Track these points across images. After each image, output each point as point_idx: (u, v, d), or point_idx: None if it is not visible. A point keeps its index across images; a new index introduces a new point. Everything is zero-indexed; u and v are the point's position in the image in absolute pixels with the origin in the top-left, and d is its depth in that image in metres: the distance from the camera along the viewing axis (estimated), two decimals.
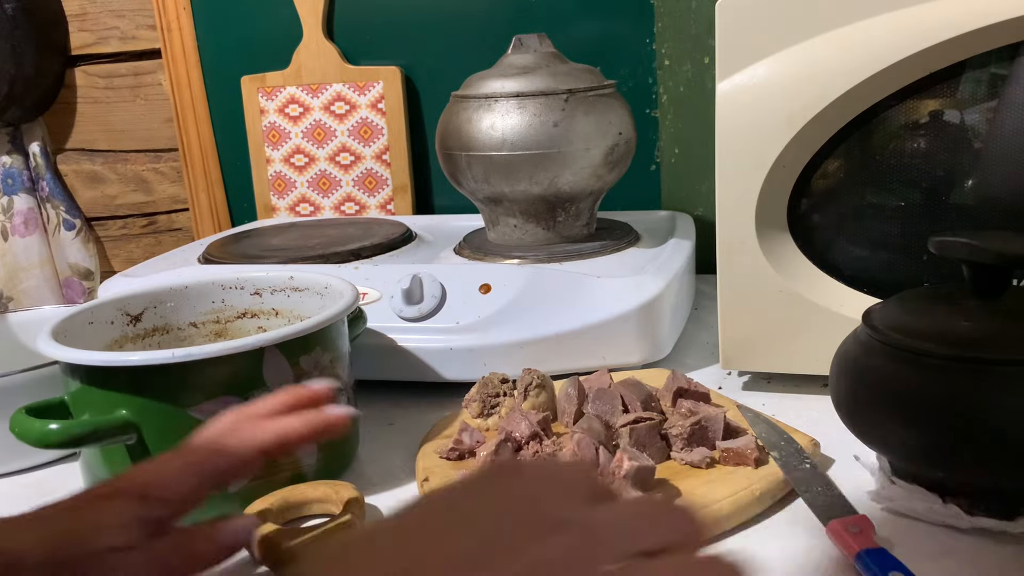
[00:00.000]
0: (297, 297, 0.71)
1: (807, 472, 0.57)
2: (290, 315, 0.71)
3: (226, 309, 0.72)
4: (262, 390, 0.56)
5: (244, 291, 0.72)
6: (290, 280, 0.71)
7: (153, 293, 0.70)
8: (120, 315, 0.67)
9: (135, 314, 0.68)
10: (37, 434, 0.55)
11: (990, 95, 0.63)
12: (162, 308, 0.69)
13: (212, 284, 0.72)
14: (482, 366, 0.74)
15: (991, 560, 0.50)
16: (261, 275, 0.72)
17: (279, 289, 0.71)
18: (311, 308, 0.70)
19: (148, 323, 0.69)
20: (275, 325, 0.71)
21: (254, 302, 0.72)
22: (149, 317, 0.69)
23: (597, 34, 1.06)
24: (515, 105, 0.81)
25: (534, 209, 0.85)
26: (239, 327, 0.72)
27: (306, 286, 0.71)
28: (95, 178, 1.32)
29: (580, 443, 0.55)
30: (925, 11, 0.62)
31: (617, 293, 0.75)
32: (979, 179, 0.65)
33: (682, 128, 1.06)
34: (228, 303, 0.72)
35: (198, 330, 0.71)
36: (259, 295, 0.71)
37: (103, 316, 0.66)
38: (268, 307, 0.72)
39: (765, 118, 0.66)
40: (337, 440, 0.63)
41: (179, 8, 1.19)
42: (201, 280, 0.72)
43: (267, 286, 0.72)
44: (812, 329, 0.69)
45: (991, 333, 0.50)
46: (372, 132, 1.14)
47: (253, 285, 0.72)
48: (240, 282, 0.72)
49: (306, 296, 0.71)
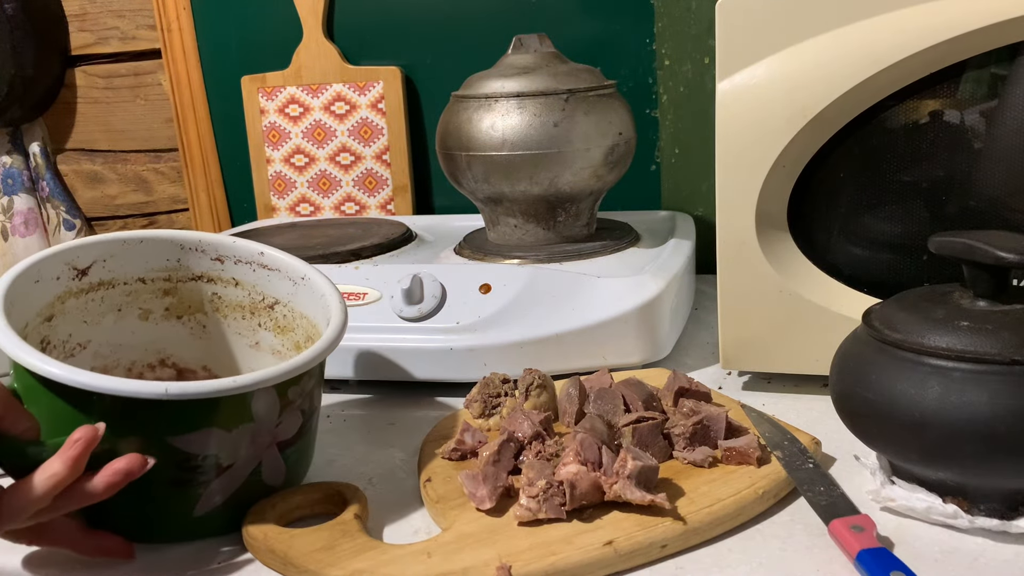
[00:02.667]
0: (264, 274, 0.68)
1: (810, 471, 0.57)
2: (252, 289, 0.68)
3: (180, 269, 0.68)
4: (248, 423, 0.55)
5: (204, 255, 0.68)
6: (259, 255, 0.68)
7: (105, 243, 0.66)
8: (67, 269, 0.63)
9: (83, 267, 0.64)
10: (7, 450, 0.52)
11: (990, 95, 0.63)
12: (112, 262, 0.66)
13: (170, 242, 0.68)
14: (482, 366, 0.74)
15: (991, 560, 0.50)
16: (227, 241, 0.69)
17: (245, 261, 0.68)
18: (279, 291, 0.67)
19: (95, 276, 0.65)
20: (232, 295, 0.68)
21: (213, 267, 0.68)
22: (96, 270, 0.65)
23: (597, 34, 1.06)
24: (515, 105, 0.81)
25: (534, 209, 0.85)
26: (191, 289, 0.69)
27: (277, 267, 0.68)
28: (95, 178, 1.32)
29: (583, 443, 0.55)
30: (925, 11, 0.62)
31: (617, 293, 0.75)
32: (979, 179, 0.65)
33: (682, 128, 1.06)
34: (184, 263, 0.68)
35: (146, 286, 0.68)
36: (220, 261, 0.68)
37: (49, 272, 0.62)
38: (228, 276, 0.69)
39: (765, 118, 0.66)
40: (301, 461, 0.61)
41: (179, 8, 1.19)
42: (160, 235, 0.68)
43: (231, 254, 0.69)
44: (812, 329, 0.69)
45: (991, 333, 0.50)
46: (372, 132, 1.14)
47: (216, 250, 0.68)
48: (202, 244, 0.68)
49: (275, 277, 0.68)
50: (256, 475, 0.57)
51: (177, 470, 0.54)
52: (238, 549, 0.56)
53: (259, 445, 0.56)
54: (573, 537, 0.51)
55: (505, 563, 0.49)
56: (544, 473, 0.54)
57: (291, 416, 0.57)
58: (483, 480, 0.56)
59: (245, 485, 0.56)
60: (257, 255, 0.69)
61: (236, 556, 0.55)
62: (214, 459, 0.54)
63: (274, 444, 0.57)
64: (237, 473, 0.56)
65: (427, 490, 0.59)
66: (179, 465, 0.53)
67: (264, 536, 0.54)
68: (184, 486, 0.54)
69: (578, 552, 0.50)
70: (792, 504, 0.56)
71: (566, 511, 0.53)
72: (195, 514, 0.55)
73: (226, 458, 0.55)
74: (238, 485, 0.56)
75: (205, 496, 0.55)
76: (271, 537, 0.53)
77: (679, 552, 0.52)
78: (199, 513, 0.56)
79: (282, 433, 0.57)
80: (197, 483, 0.54)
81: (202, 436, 0.53)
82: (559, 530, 0.52)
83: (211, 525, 0.56)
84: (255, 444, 0.56)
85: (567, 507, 0.53)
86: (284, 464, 0.58)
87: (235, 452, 0.55)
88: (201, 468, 0.54)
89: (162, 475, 0.53)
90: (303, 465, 0.62)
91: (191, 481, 0.54)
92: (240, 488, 0.56)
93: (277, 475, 0.58)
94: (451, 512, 0.55)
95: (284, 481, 0.59)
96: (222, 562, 0.55)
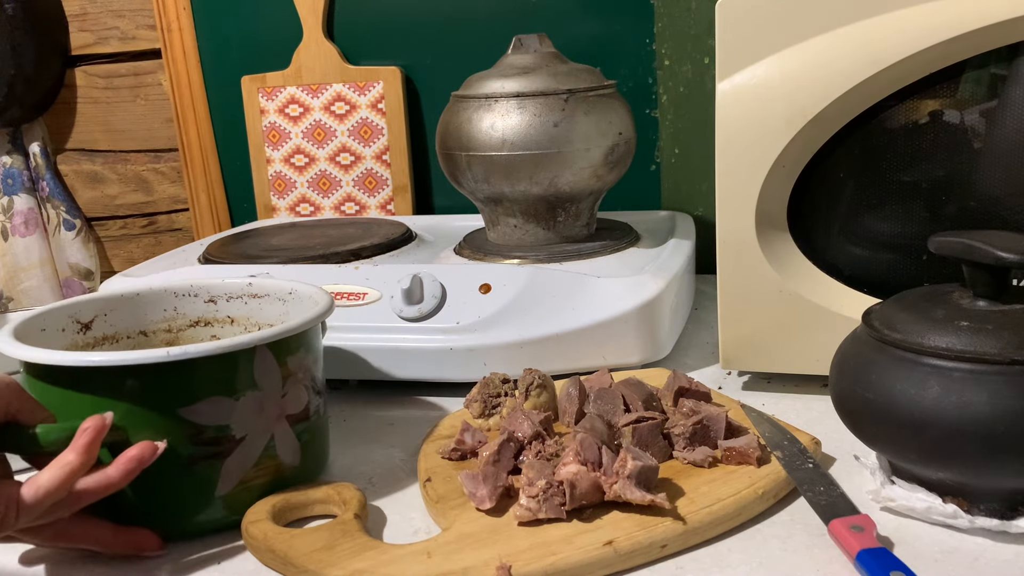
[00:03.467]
0: (255, 304, 0.70)
1: (810, 471, 0.57)
2: (246, 322, 0.70)
3: (178, 317, 0.70)
4: (252, 390, 0.57)
5: (198, 299, 0.70)
6: (248, 287, 0.70)
7: (103, 300, 0.68)
8: (71, 322, 0.66)
9: (86, 321, 0.66)
10: (20, 440, 0.53)
11: (990, 95, 0.63)
12: (112, 316, 0.68)
13: (164, 291, 0.70)
14: (482, 366, 0.74)
15: (991, 560, 0.50)
16: (216, 282, 0.71)
17: (235, 296, 0.70)
18: (271, 315, 0.69)
19: (98, 331, 0.67)
20: (229, 333, 0.70)
21: (208, 310, 0.70)
22: (99, 325, 0.67)
23: (597, 34, 1.06)
24: (515, 105, 0.81)
25: (534, 209, 0.85)
26: (191, 336, 0.70)
27: (266, 292, 0.70)
28: (95, 178, 1.32)
29: (583, 443, 0.55)
30: (925, 11, 0.62)
31: (617, 293, 0.75)
32: (979, 179, 0.65)
33: (682, 128, 1.06)
34: (180, 311, 0.70)
35: (149, 339, 0.69)
36: (213, 302, 0.70)
37: (54, 323, 0.64)
38: (223, 315, 0.70)
39: (765, 118, 0.66)
40: (317, 445, 0.63)
41: (179, 8, 1.19)
42: (153, 287, 0.70)
43: (222, 293, 0.70)
44: (812, 329, 0.69)
45: (991, 333, 0.50)
46: (372, 132, 1.14)
47: (207, 292, 0.70)
48: (194, 289, 0.70)
49: (265, 303, 0.69)
50: (271, 451, 0.58)
51: (191, 445, 0.55)
52: (238, 549, 0.56)
53: (268, 416, 0.58)
54: (573, 537, 0.51)
55: (505, 563, 0.49)
56: (544, 473, 0.54)
57: (295, 389, 0.59)
58: (483, 480, 0.56)
59: (261, 462, 0.58)
60: (246, 287, 0.71)
61: (236, 556, 0.55)
62: (226, 430, 0.56)
63: (283, 417, 0.59)
64: (251, 447, 0.57)
65: (427, 490, 0.59)
66: (192, 439, 0.55)
67: (264, 536, 0.54)
68: (200, 463, 0.56)
69: (578, 552, 0.50)
70: (792, 504, 0.56)
71: (566, 511, 0.53)
72: (217, 494, 0.57)
73: (238, 429, 0.56)
74: (254, 461, 0.57)
75: (224, 473, 0.56)
76: (271, 537, 0.53)
77: (679, 552, 0.52)
78: (221, 493, 0.57)
79: (289, 406, 0.59)
80: (213, 457, 0.56)
81: (210, 405, 0.55)
82: (559, 530, 0.52)
83: (234, 507, 0.57)
84: (264, 415, 0.57)
85: (567, 507, 0.53)
86: (297, 441, 0.60)
87: (245, 422, 0.57)
88: (215, 440, 0.56)
89: (178, 454, 0.55)
90: (317, 449, 0.63)
91: (207, 456, 0.56)
92: (257, 465, 0.58)
93: (292, 452, 0.60)
94: (451, 512, 0.55)
95: (300, 462, 0.60)
96: (222, 562, 0.55)
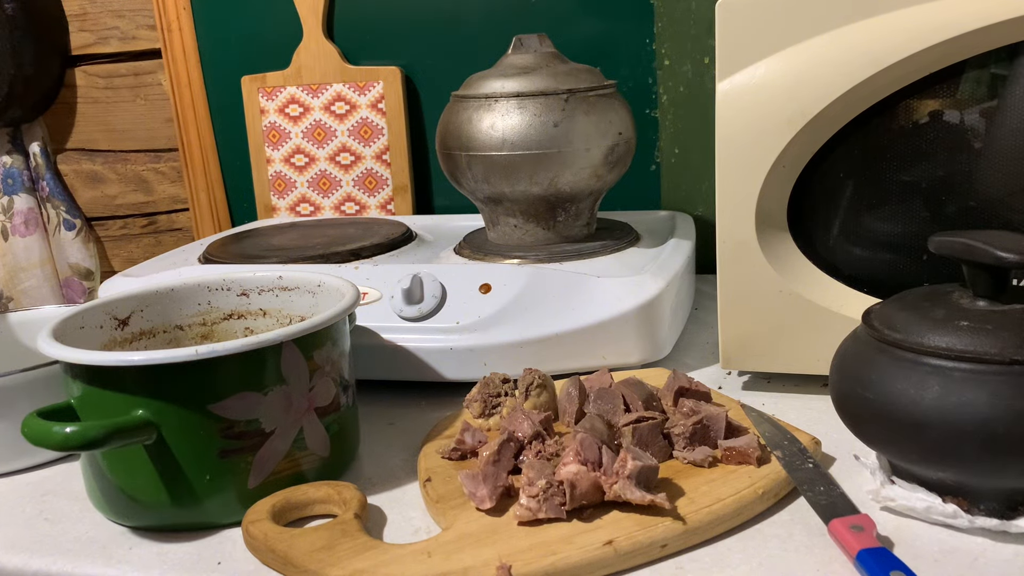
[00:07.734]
0: (286, 296, 0.71)
1: (810, 471, 0.57)
2: (278, 315, 0.71)
3: (212, 311, 0.71)
4: (280, 385, 0.58)
5: (231, 292, 0.72)
6: (279, 280, 0.71)
7: (139, 296, 0.69)
8: (108, 319, 0.67)
9: (123, 318, 0.68)
10: (58, 438, 0.54)
11: (990, 95, 0.63)
12: (148, 311, 0.69)
13: (198, 286, 0.71)
14: (482, 366, 0.74)
15: (991, 560, 0.50)
16: (248, 275, 0.72)
17: (267, 289, 0.71)
18: (302, 307, 0.70)
19: (135, 327, 0.68)
20: (262, 326, 0.71)
21: (241, 303, 0.72)
22: (136, 320, 0.68)
23: (597, 34, 1.06)
24: (515, 105, 0.81)
25: (534, 209, 0.85)
26: (225, 328, 0.71)
27: (296, 285, 0.71)
28: (95, 178, 1.32)
29: (583, 442, 0.55)
30: (925, 11, 0.62)
31: (617, 293, 0.75)
32: (979, 179, 0.65)
33: (682, 128, 1.06)
34: (214, 304, 0.72)
35: (184, 332, 0.71)
36: (246, 295, 0.71)
37: (92, 320, 0.66)
38: (255, 308, 0.72)
39: (765, 118, 0.66)
40: (346, 435, 0.64)
41: (179, 8, 1.19)
42: (187, 282, 0.71)
43: (254, 286, 0.72)
44: (812, 329, 0.69)
45: (991, 333, 0.50)
46: (372, 132, 1.14)
47: (240, 286, 0.72)
48: (227, 283, 0.72)
49: (296, 295, 0.71)
50: (300, 443, 0.59)
51: (222, 439, 0.56)
52: (239, 549, 0.56)
53: (297, 410, 0.59)
54: (573, 537, 0.51)
55: (505, 563, 0.49)
56: (544, 473, 0.54)
57: (323, 383, 0.61)
58: (483, 480, 0.56)
59: (292, 454, 0.59)
60: (276, 280, 0.72)
61: (236, 556, 0.55)
62: (256, 424, 0.57)
63: (311, 410, 0.60)
64: (281, 440, 0.58)
65: (427, 490, 0.59)
66: (223, 434, 0.56)
67: (264, 536, 0.54)
68: (232, 456, 0.57)
69: (578, 552, 0.50)
70: (792, 504, 0.56)
71: (566, 511, 0.53)
72: (250, 486, 0.58)
73: (267, 423, 0.57)
74: (284, 453, 0.59)
75: (256, 466, 0.58)
76: (271, 537, 0.53)
77: (679, 552, 0.52)
78: (254, 485, 0.58)
79: (318, 399, 0.60)
80: (244, 450, 0.57)
81: (239, 401, 0.56)
82: (559, 530, 0.52)
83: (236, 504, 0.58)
84: (293, 408, 0.58)
85: (567, 507, 0.53)
86: (326, 433, 0.61)
87: (274, 416, 0.58)
88: (245, 434, 0.57)
89: (210, 447, 0.56)
90: (347, 440, 0.64)
91: (238, 449, 0.57)
92: (287, 457, 0.59)
93: (322, 444, 0.61)
94: (451, 512, 0.55)
95: (330, 453, 0.62)
96: (222, 562, 0.55)
